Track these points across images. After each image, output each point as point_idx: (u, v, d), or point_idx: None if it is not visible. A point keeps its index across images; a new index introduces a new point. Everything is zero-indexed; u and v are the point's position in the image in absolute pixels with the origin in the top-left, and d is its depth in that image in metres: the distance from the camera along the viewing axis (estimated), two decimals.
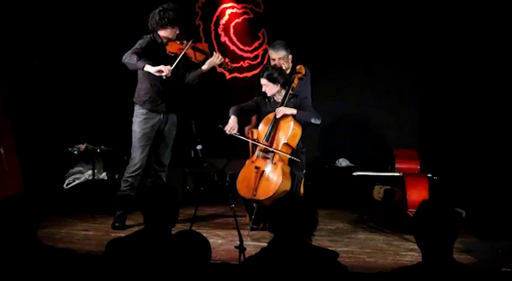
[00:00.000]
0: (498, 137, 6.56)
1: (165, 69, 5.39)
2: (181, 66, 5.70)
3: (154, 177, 5.80)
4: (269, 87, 5.56)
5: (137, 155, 5.64)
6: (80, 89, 7.35)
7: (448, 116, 6.91)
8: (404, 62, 7.05)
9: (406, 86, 7.11)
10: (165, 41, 5.64)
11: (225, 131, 5.55)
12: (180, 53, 5.56)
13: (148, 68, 5.40)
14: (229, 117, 5.58)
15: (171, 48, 5.61)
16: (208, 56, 5.72)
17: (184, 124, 6.40)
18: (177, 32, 5.65)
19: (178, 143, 6.04)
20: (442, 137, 6.90)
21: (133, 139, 5.68)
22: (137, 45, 5.53)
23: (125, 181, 5.68)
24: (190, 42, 5.63)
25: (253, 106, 5.79)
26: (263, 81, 5.57)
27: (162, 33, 5.63)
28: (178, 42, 5.64)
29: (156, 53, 5.58)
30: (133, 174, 5.65)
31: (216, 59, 5.68)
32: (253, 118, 6.00)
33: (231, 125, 5.54)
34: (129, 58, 5.42)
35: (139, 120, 5.65)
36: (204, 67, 5.70)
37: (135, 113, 5.69)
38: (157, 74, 5.40)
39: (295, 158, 5.41)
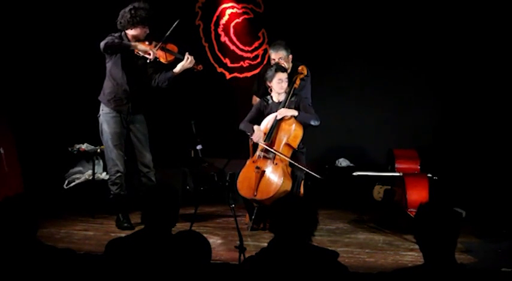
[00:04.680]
0: (498, 137, 6.56)
1: (152, 53, 5.38)
2: (150, 66, 5.61)
3: (145, 178, 5.72)
4: (285, 84, 5.56)
5: (112, 155, 5.59)
6: (80, 89, 7.34)
7: (448, 116, 6.91)
8: (404, 62, 7.03)
9: (406, 86, 7.09)
10: (133, 41, 5.51)
11: (252, 139, 5.59)
12: (149, 54, 5.44)
13: (139, 46, 5.38)
14: (252, 129, 5.55)
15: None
16: (178, 58, 5.58)
17: (184, 124, 6.40)
18: (147, 32, 5.52)
19: (178, 143, 6.03)
20: (442, 137, 6.90)
21: (104, 140, 5.63)
22: (111, 36, 5.43)
23: (112, 184, 5.64)
24: (160, 43, 5.52)
25: (257, 113, 5.74)
26: (283, 75, 5.55)
27: (131, 32, 5.50)
28: (147, 43, 5.52)
29: (123, 52, 5.49)
30: (117, 175, 5.61)
31: (187, 62, 5.54)
32: None
33: (259, 135, 5.52)
34: (111, 40, 5.35)
35: (107, 120, 5.58)
36: (176, 70, 5.58)
37: (100, 112, 5.62)
38: (146, 55, 5.39)
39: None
